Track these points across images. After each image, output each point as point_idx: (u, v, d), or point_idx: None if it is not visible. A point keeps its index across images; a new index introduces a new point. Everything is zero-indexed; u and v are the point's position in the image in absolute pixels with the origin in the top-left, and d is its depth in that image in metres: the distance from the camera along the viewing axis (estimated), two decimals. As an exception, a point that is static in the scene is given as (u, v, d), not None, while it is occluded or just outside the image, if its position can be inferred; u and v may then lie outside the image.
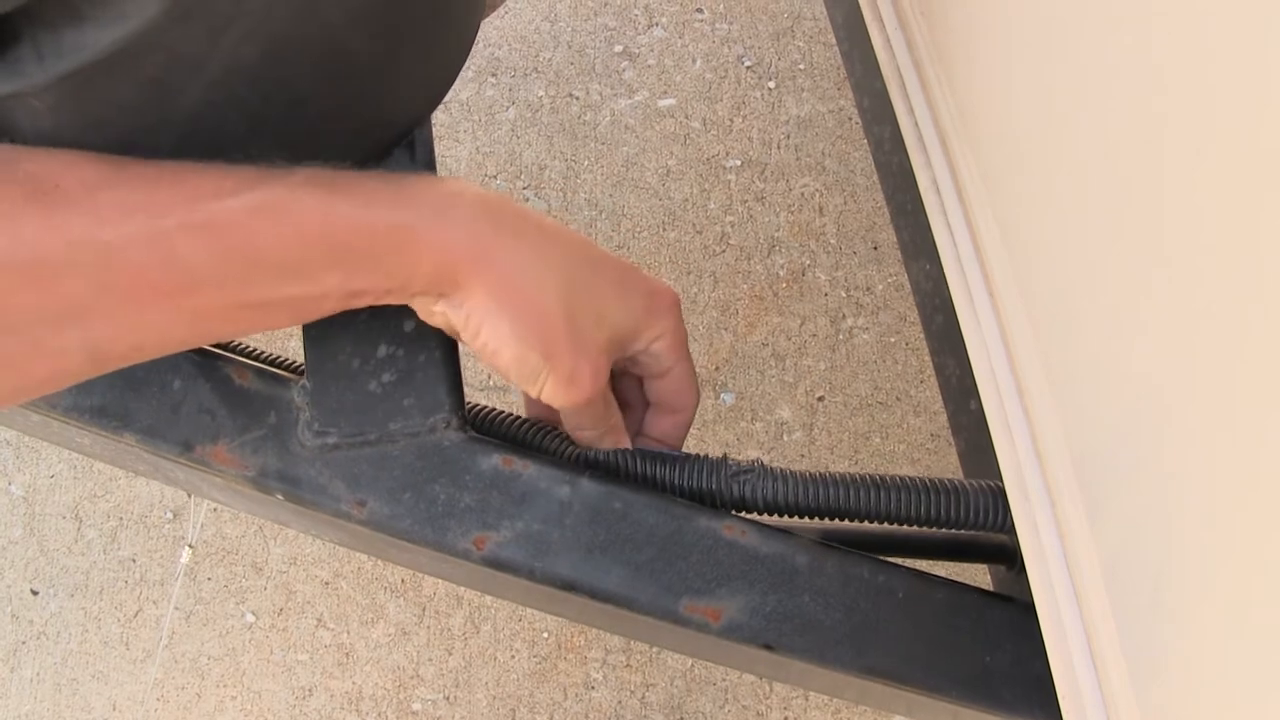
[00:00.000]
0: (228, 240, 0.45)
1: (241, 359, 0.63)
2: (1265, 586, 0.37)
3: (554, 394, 0.56)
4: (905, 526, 0.63)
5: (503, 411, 0.66)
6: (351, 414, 0.60)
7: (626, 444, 0.62)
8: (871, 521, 0.62)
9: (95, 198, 0.43)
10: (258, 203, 0.46)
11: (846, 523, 0.63)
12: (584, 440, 0.62)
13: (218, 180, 0.46)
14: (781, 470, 0.62)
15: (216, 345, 0.65)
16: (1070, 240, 0.51)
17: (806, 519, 0.63)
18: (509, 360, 0.54)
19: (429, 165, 0.65)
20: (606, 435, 0.61)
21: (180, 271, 0.44)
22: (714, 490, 0.62)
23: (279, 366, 0.67)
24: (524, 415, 0.67)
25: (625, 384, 0.65)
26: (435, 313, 0.54)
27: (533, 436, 0.64)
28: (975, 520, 0.62)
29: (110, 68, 0.47)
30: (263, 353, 0.71)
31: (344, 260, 0.48)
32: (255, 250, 0.45)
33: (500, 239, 0.52)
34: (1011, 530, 0.58)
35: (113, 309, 0.44)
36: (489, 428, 0.65)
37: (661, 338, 0.59)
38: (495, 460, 0.60)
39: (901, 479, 0.62)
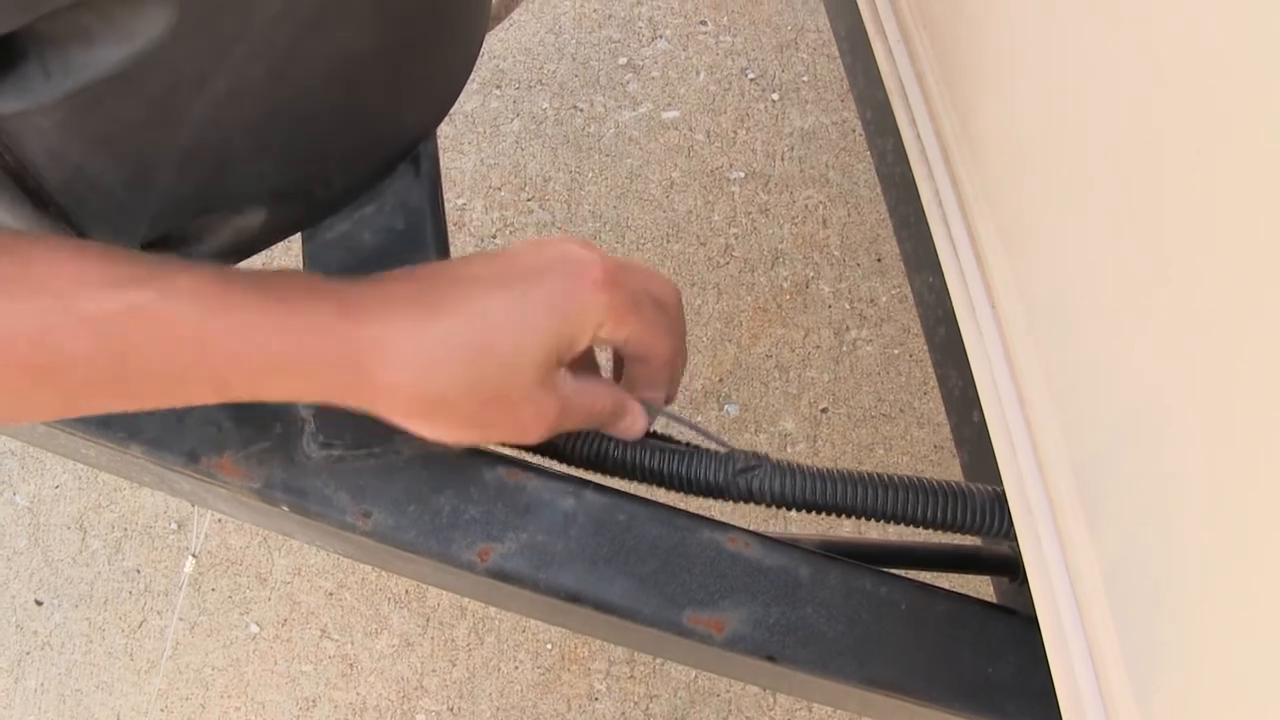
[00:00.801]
0: (103, 334, 0.44)
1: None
2: (1266, 596, 0.37)
3: (510, 442, 0.56)
4: (909, 526, 0.62)
5: None
6: (356, 426, 0.60)
7: (640, 418, 0.60)
8: (875, 520, 0.62)
9: None
10: (139, 304, 0.44)
11: (849, 535, 0.63)
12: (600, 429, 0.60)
13: (101, 271, 0.45)
14: (787, 464, 0.61)
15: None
16: (1071, 252, 0.51)
17: (810, 513, 0.62)
18: (452, 443, 0.54)
19: (433, 179, 0.65)
20: (611, 418, 0.59)
21: (51, 352, 0.43)
22: (721, 485, 0.61)
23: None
24: None
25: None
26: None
27: None
28: (978, 523, 0.61)
29: (117, 86, 0.47)
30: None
31: (218, 378, 0.47)
32: (129, 350, 0.45)
33: (384, 358, 0.49)
34: (1013, 535, 0.58)
35: None
36: None
37: (601, 325, 0.54)
38: (500, 472, 0.60)
39: (906, 478, 0.62)
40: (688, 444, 0.63)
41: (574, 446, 0.62)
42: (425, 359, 0.50)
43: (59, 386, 0.44)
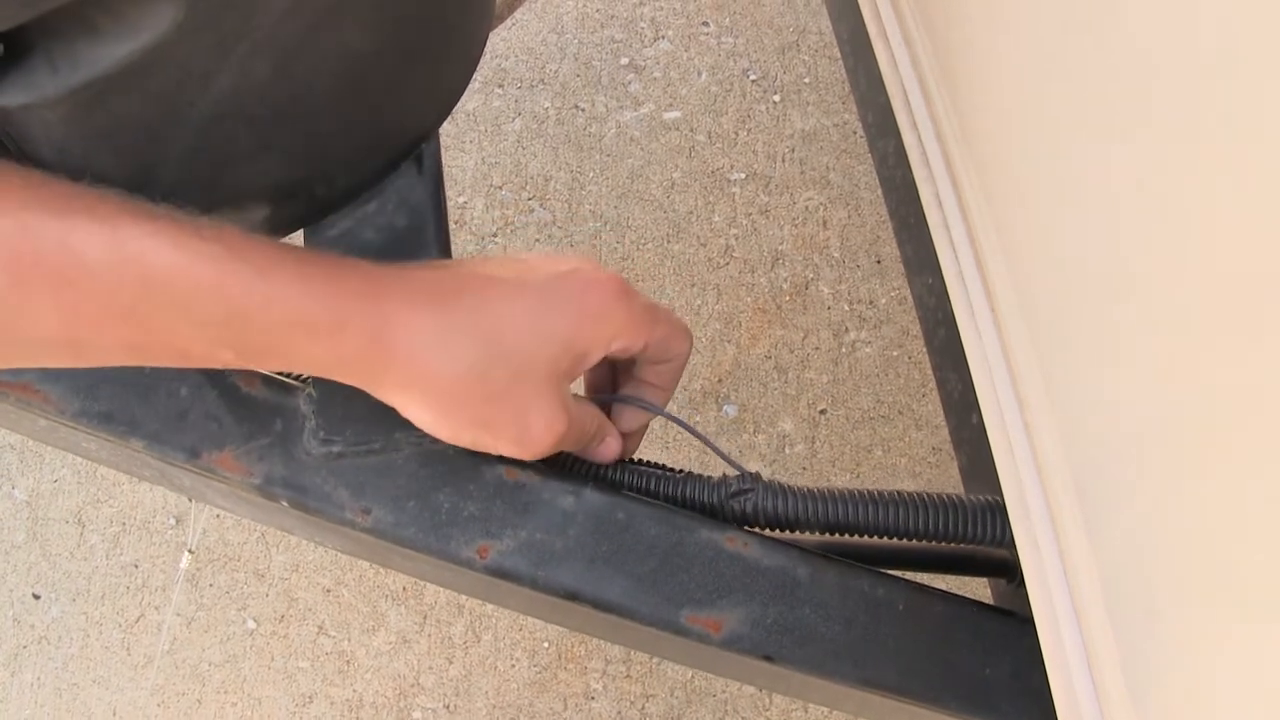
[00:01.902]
0: (128, 254, 0.43)
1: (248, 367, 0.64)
2: (1263, 601, 0.37)
3: (512, 453, 0.55)
4: (905, 540, 0.63)
5: None
6: (357, 422, 0.60)
7: (615, 443, 0.62)
8: (872, 536, 0.63)
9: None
10: (167, 234, 0.44)
11: (847, 537, 0.63)
12: (575, 452, 0.62)
13: (135, 206, 0.45)
14: (780, 485, 0.63)
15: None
16: (1071, 256, 0.51)
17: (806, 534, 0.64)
18: (448, 438, 0.54)
19: (436, 177, 0.65)
20: (591, 446, 0.61)
21: (74, 258, 0.42)
22: (713, 508, 0.62)
23: (286, 375, 0.67)
24: None
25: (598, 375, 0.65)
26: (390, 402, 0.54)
27: None
28: (974, 535, 0.62)
29: (122, 81, 0.48)
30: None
31: (233, 326, 0.46)
32: (151, 276, 0.44)
33: (394, 332, 0.49)
34: (1011, 545, 0.58)
35: (4, 284, 0.42)
36: None
37: (616, 337, 0.55)
38: (499, 470, 0.60)
39: (900, 493, 0.63)
40: (680, 469, 0.64)
41: (571, 467, 0.63)
42: (442, 340, 0.50)
43: (70, 301, 0.43)
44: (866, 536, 0.63)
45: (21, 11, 0.43)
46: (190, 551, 1.46)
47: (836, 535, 0.63)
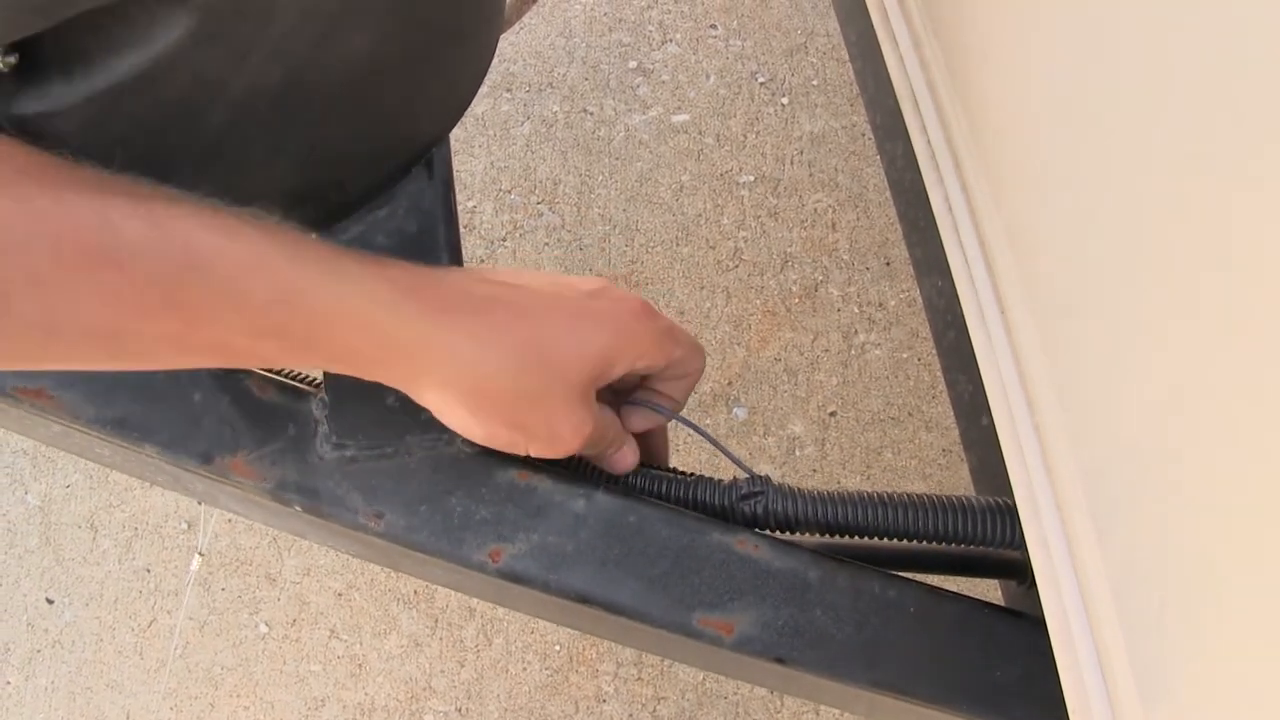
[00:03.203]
0: (166, 228, 0.43)
1: (261, 372, 0.64)
2: (1274, 602, 0.38)
3: (542, 453, 0.57)
4: (916, 543, 0.63)
5: None
6: (369, 427, 0.60)
7: (631, 453, 0.63)
8: (882, 538, 0.63)
9: (46, 174, 0.43)
10: (203, 209, 0.44)
11: (858, 539, 0.64)
12: (591, 459, 0.63)
13: (173, 191, 0.45)
14: (790, 488, 0.63)
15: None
16: (1081, 258, 0.51)
17: (817, 536, 0.64)
18: (481, 438, 0.55)
19: (447, 182, 0.66)
20: (607, 453, 0.62)
21: (113, 235, 0.42)
22: (724, 510, 0.63)
23: (298, 377, 0.68)
24: None
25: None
26: (423, 401, 0.54)
27: None
28: (985, 537, 0.62)
29: (136, 89, 0.48)
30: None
31: (279, 305, 0.46)
32: (190, 246, 0.43)
33: (433, 332, 0.50)
34: (1022, 546, 0.58)
35: (40, 266, 0.41)
36: None
37: (641, 356, 0.58)
38: (511, 473, 0.60)
39: (909, 495, 0.63)
40: (691, 473, 0.65)
41: (583, 471, 0.63)
42: (483, 344, 0.51)
43: (116, 284, 0.42)
44: (876, 539, 0.63)
45: (37, 21, 0.44)
46: (201, 554, 1.46)
47: (847, 538, 0.63)
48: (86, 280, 0.42)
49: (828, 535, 0.64)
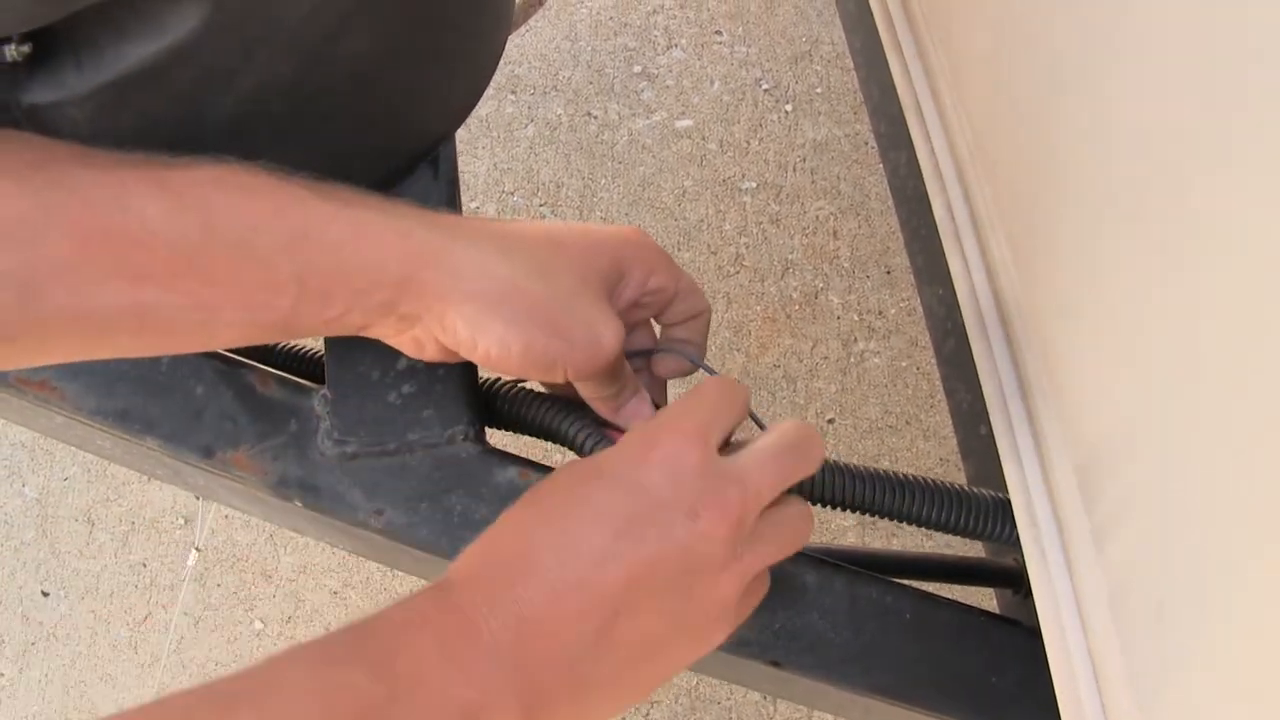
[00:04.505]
0: (183, 199, 0.44)
1: (264, 367, 0.64)
2: (1270, 614, 0.38)
3: (581, 365, 0.52)
4: (913, 525, 0.62)
5: (522, 388, 0.64)
6: (371, 424, 0.61)
7: (645, 403, 0.59)
8: (881, 517, 0.61)
9: (60, 160, 0.44)
10: (218, 175, 0.45)
11: (855, 544, 0.63)
12: (606, 408, 0.59)
13: (185, 160, 0.45)
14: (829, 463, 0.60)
15: (236, 352, 0.66)
16: (1082, 268, 0.52)
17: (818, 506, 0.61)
18: (519, 354, 0.51)
19: (452, 181, 0.66)
20: (624, 395, 0.58)
21: (134, 215, 0.43)
22: None
23: (300, 373, 0.68)
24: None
25: (634, 335, 0.62)
26: (425, 341, 0.51)
27: (551, 419, 0.61)
28: (982, 528, 0.61)
29: (147, 79, 0.48)
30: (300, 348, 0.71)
31: (297, 246, 0.45)
32: (209, 212, 0.44)
33: (455, 243, 0.49)
34: (1014, 543, 0.58)
35: (63, 253, 0.42)
36: (508, 403, 0.63)
37: (654, 271, 0.56)
38: (512, 473, 0.60)
39: (914, 478, 0.61)
40: None
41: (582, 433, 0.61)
42: (505, 250, 0.50)
43: (140, 261, 0.43)
44: (879, 517, 0.61)
45: (50, 11, 0.44)
46: (197, 550, 1.46)
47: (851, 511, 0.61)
48: (110, 261, 0.43)
49: (854, 511, 0.61)
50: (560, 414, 0.60)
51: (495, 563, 0.45)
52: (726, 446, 0.51)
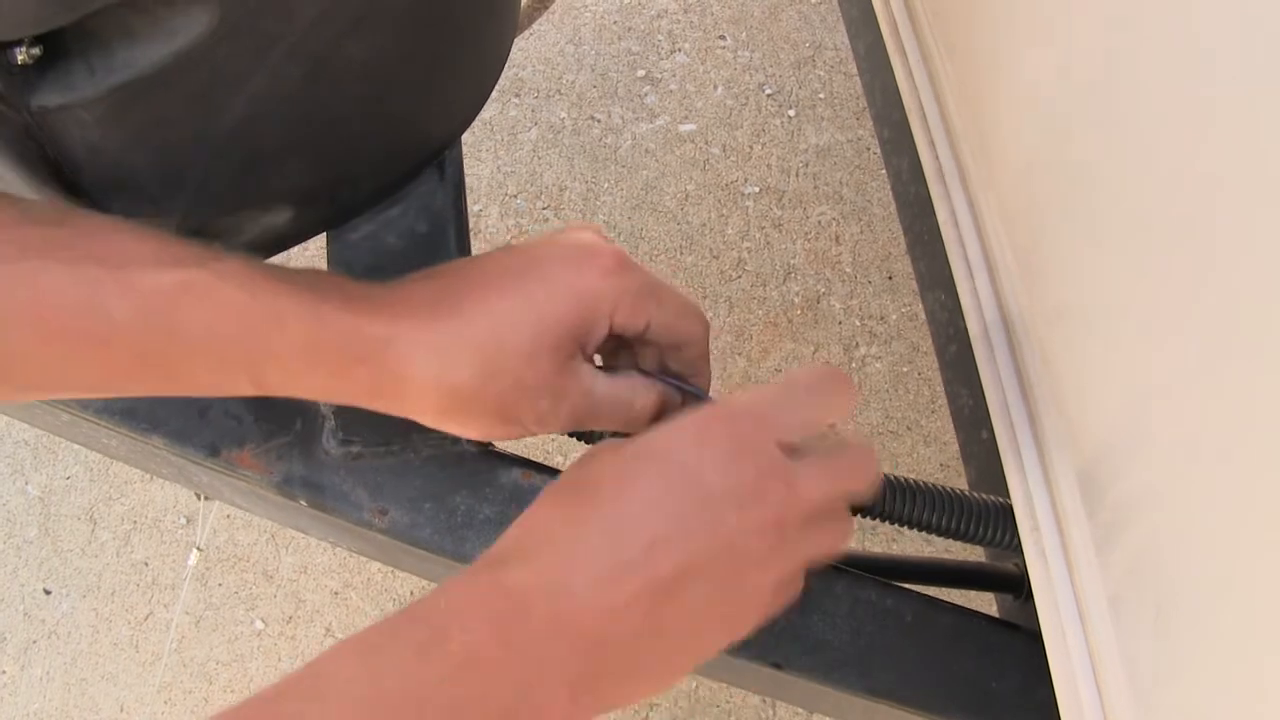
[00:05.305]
0: (153, 307, 0.45)
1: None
2: (1269, 619, 0.38)
3: (544, 431, 0.53)
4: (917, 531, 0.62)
5: None
6: (376, 424, 0.61)
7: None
8: (884, 521, 0.61)
9: (34, 233, 0.45)
10: (189, 281, 0.45)
11: (856, 547, 0.64)
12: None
13: (154, 250, 0.46)
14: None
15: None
16: (1086, 273, 0.52)
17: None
18: (484, 438, 0.53)
19: (458, 184, 0.66)
20: (655, 419, 0.56)
21: (100, 319, 0.44)
22: None
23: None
24: None
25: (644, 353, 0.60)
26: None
27: None
28: (984, 535, 0.61)
29: (158, 83, 0.49)
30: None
31: (255, 364, 0.47)
32: (176, 326, 0.45)
33: (400, 345, 0.49)
34: (1010, 547, 0.59)
35: (33, 343, 0.44)
36: None
37: (616, 310, 0.53)
38: (515, 474, 0.61)
39: (921, 483, 0.61)
40: None
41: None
42: (443, 356, 0.50)
43: (103, 358, 0.45)
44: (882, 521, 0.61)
45: (61, 14, 0.44)
46: (199, 549, 1.46)
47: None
48: (74, 354, 0.44)
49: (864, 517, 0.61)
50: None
51: (546, 543, 0.45)
52: (800, 448, 0.50)
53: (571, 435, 0.61)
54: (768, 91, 1.76)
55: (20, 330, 0.43)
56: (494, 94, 1.76)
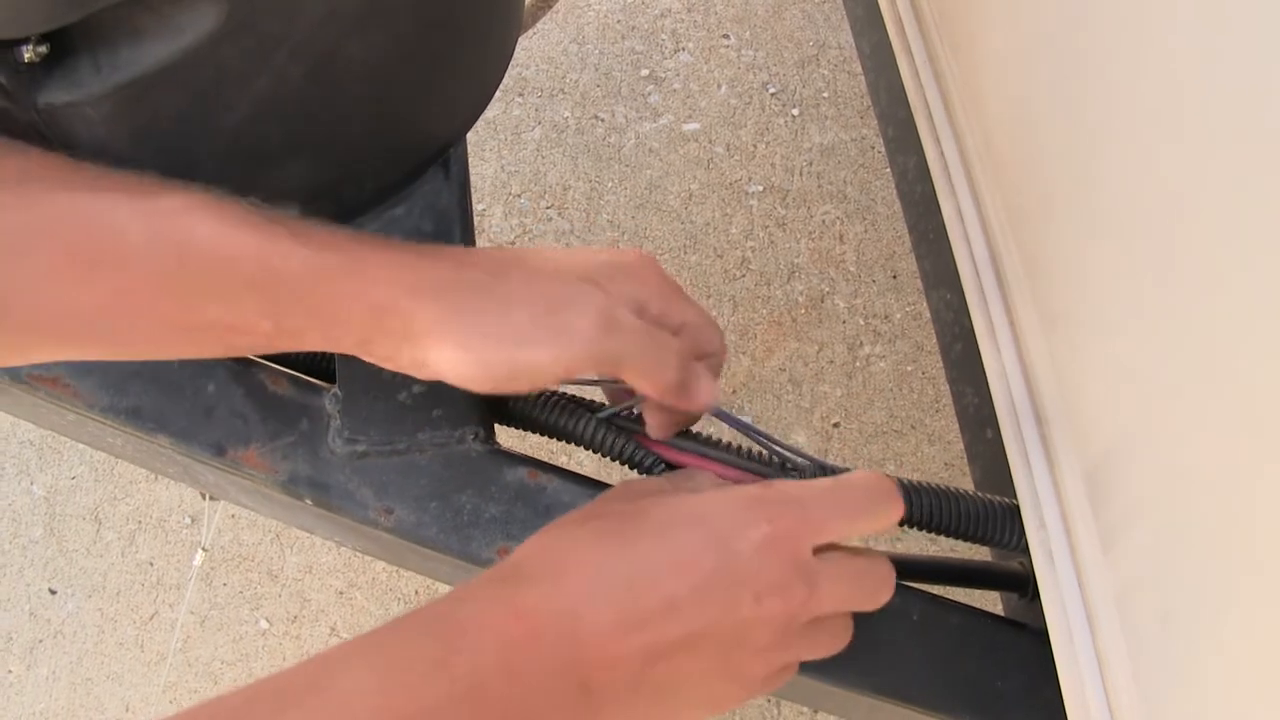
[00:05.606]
0: (163, 225, 0.45)
1: (275, 366, 0.65)
2: (1277, 617, 0.38)
3: (572, 362, 0.49)
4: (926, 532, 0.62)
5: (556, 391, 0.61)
6: (381, 423, 0.61)
7: (708, 392, 0.55)
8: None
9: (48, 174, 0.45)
10: (195, 202, 0.45)
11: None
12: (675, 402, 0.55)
13: (166, 181, 0.46)
14: (823, 462, 0.60)
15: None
16: (1092, 272, 0.52)
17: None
18: (483, 381, 0.49)
19: (463, 183, 0.66)
20: (690, 384, 0.54)
21: (112, 236, 0.44)
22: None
23: (311, 372, 0.68)
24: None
25: None
26: (417, 367, 0.50)
27: (606, 436, 0.59)
28: (991, 535, 0.61)
29: (163, 81, 0.49)
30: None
31: (268, 283, 0.46)
32: (187, 242, 0.44)
33: (417, 298, 0.48)
34: (1016, 547, 0.58)
35: (49, 265, 0.44)
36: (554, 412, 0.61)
37: (651, 296, 0.52)
38: (521, 473, 0.61)
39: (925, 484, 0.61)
40: (728, 442, 0.63)
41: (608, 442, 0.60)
42: (467, 291, 0.48)
43: (118, 283, 0.44)
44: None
45: (68, 12, 0.45)
46: (204, 549, 1.47)
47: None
48: (88, 280, 0.44)
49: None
50: (606, 428, 0.59)
51: (573, 567, 0.45)
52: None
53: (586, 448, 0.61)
54: (772, 90, 1.76)
55: (39, 255, 0.43)
56: (497, 93, 1.76)
